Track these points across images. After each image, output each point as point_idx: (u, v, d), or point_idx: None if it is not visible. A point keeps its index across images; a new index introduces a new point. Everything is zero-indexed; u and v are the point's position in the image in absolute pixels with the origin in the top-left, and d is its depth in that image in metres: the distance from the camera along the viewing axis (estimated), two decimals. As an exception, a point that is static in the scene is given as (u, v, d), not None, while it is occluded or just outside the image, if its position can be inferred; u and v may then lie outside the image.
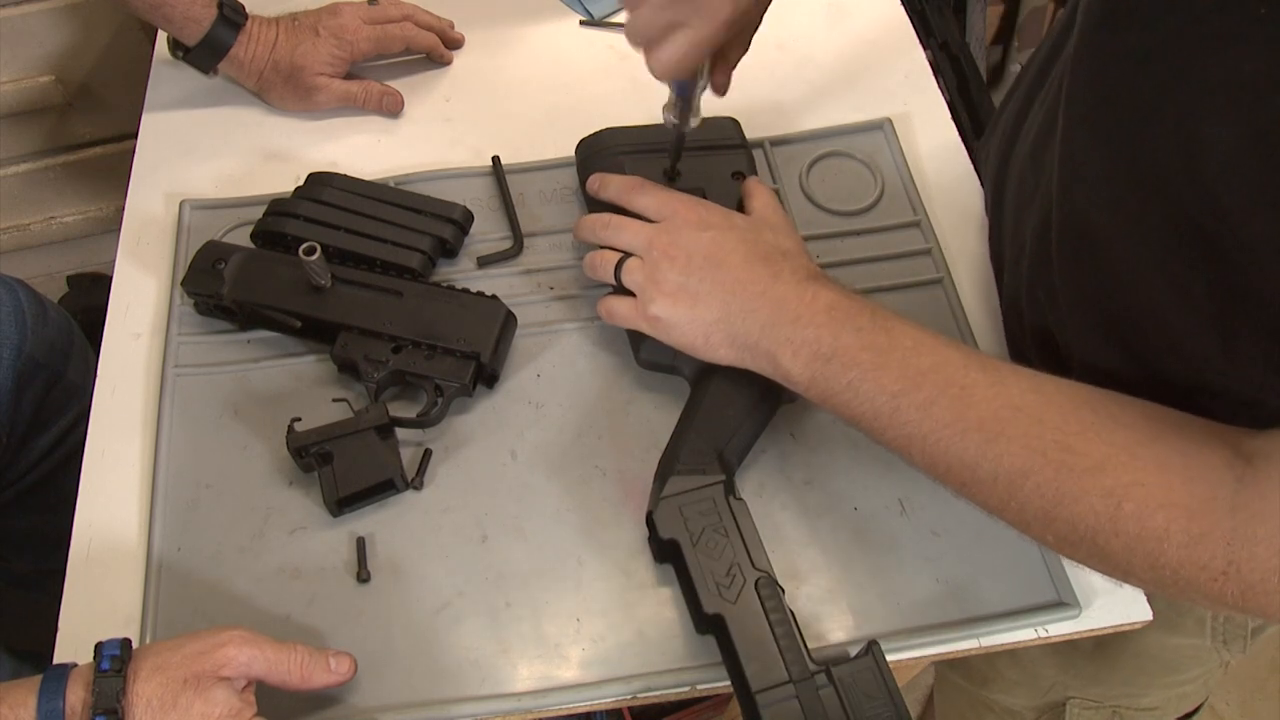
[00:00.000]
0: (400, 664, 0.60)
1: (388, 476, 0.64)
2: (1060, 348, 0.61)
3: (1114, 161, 0.50)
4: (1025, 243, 0.63)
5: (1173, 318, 0.50)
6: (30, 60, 1.11)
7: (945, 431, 0.52)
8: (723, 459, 0.61)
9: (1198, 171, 0.44)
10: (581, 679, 0.59)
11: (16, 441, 0.87)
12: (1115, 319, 0.55)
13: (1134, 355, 0.55)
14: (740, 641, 0.55)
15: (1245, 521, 0.44)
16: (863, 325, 0.56)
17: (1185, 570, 0.46)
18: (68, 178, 1.26)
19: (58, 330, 0.90)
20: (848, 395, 0.56)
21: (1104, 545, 0.48)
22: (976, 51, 1.46)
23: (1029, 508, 0.50)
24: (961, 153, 0.81)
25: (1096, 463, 0.48)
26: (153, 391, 0.69)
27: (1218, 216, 0.44)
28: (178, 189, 0.79)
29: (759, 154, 0.80)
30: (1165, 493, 0.46)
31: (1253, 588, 0.44)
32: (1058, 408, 0.51)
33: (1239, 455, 0.46)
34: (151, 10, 0.76)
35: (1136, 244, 0.50)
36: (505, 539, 0.64)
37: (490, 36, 0.89)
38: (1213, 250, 0.46)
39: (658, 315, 0.62)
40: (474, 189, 0.79)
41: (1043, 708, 0.83)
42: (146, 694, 0.49)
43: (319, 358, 0.70)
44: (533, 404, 0.69)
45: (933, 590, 0.62)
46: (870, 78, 0.86)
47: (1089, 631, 0.61)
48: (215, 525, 0.64)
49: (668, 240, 0.63)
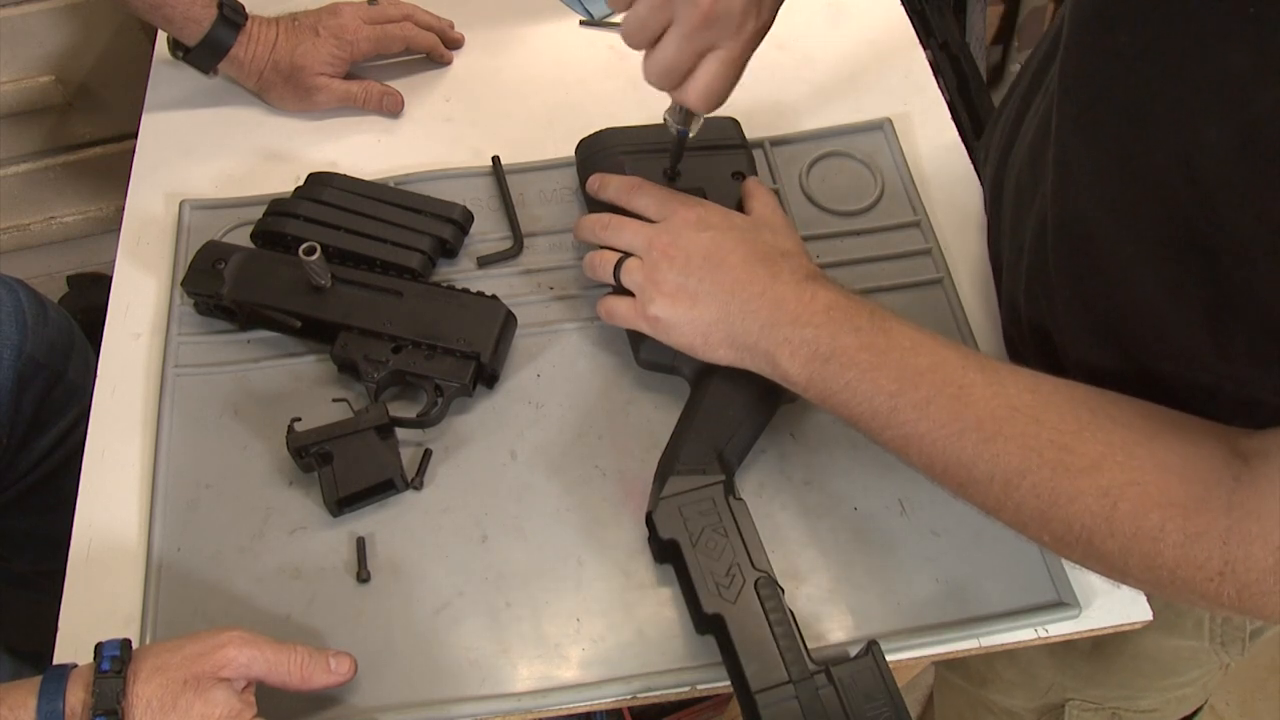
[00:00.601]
0: (400, 664, 0.60)
1: (388, 476, 0.64)
2: (1057, 347, 0.61)
3: (1106, 161, 0.50)
4: (1024, 243, 0.63)
5: (1166, 316, 0.51)
6: (30, 60, 1.11)
7: (942, 431, 0.52)
8: (723, 459, 0.61)
9: (1189, 169, 0.44)
10: (581, 679, 0.59)
11: (17, 442, 0.87)
12: (1110, 318, 0.55)
13: (1129, 354, 0.55)
14: (740, 641, 0.55)
15: (1241, 520, 0.44)
16: (861, 325, 0.56)
17: (1182, 570, 0.46)
18: (68, 178, 1.26)
19: (58, 330, 0.90)
20: (846, 395, 0.56)
21: (1100, 545, 0.48)
22: (976, 51, 1.46)
23: (1025, 507, 0.50)
24: (961, 153, 0.81)
25: (1093, 462, 0.48)
26: (153, 391, 0.69)
27: (1209, 214, 0.44)
28: (178, 189, 0.79)
29: (759, 154, 0.80)
30: (1161, 492, 0.46)
31: (1249, 587, 0.44)
32: (1055, 407, 0.51)
33: (1235, 454, 0.46)
34: (151, 10, 0.76)
35: (1129, 243, 0.51)
36: (505, 539, 0.64)
37: (490, 36, 0.89)
38: (1204, 248, 0.46)
39: (657, 315, 0.62)
40: (474, 189, 0.79)
41: (1042, 709, 0.82)
42: (146, 695, 0.49)
43: (319, 358, 0.70)
44: (533, 404, 0.69)
45: (932, 590, 0.62)
46: (870, 78, 0.86)
47: (1089, 632, 0.61)
48: (215, 525, 0.64)
49: (667, 240, 0.63)
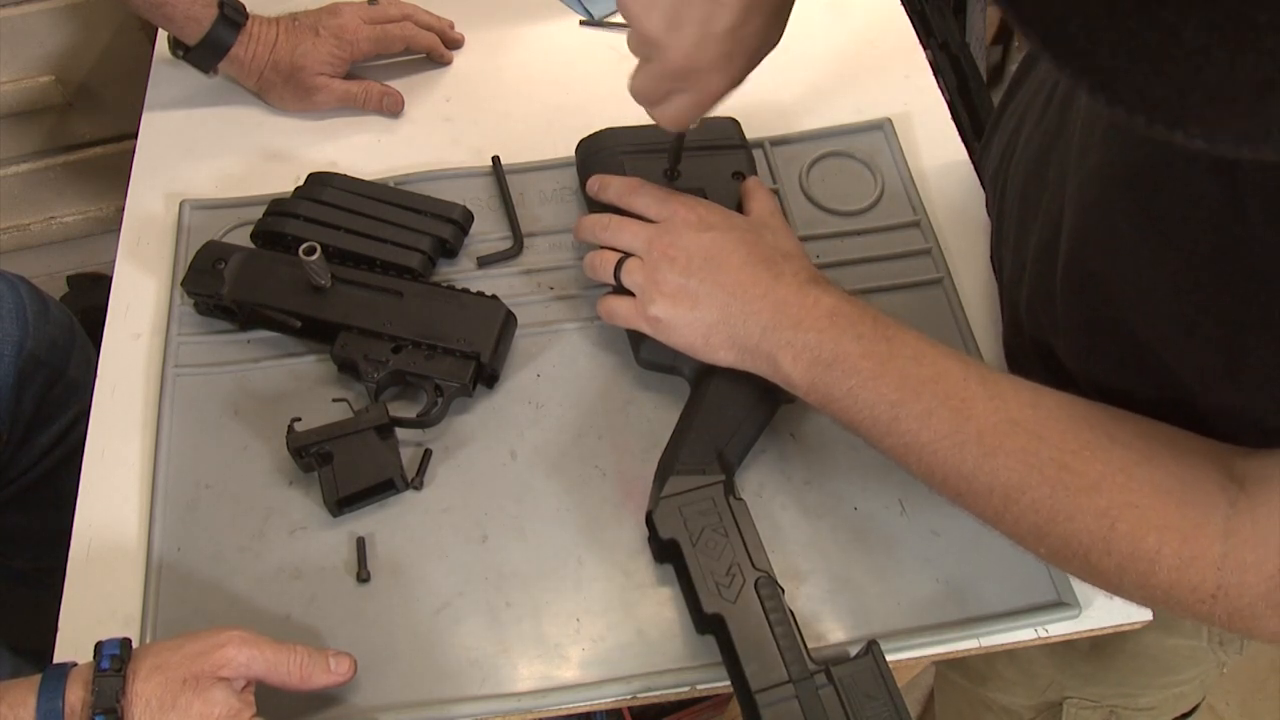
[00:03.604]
0: (400, 664, 0.60)
1: (388, 476, 0.64)
2: (1060, 359, 0.61)
3: (1135, 218, 0.49)
4: (1026, 259, 0.63)
5: (1179, 350, 0.50)
6: (30, 60, 1.11)
7: (943, 443, 0.52)
8: (723, 459, 0.61)
9: (1233, 205, 0.43)
10: (581, 679, 0.59)
11: (17, 439, 0.87)
12: (1119, 349, 0.55)
13: (1136, 378, 0.55)
14: (740, 641, 0.55)
15: (1236, 547, 0.45)
16: (864, 333, 0.56)
17: (1176, 591, 0.46)
18: (68, 178, 1.26)
19: (59, 327, 0.90)
20: (847, 402, 0.56)
21: (1096, 563, 0.49)
22: (976, 51, 1.46)
23: (1023, 522, 0.51)
24: (961, 153, 0.81)
25: (1092, 482, 0.48)
26: (153, 391, 0.69)
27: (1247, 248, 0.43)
28: (178, 189, 0.79)
29: (759, 154, 0.80)
30: (1159, 515, 0.47)
31: (1240, 612, 0.45)
32: (1056, 423, 0.51)
33: (1232, 478, 0.47)
34: (152, 9, 0.76)
35: (1146, 291, 0.50)
36: (505, 539, 0.64)
37: (490, 36, 0.89)
38: (1227, 286, 0.45)
39: (657, 316, 0.62)
40: (474, 189, 0.79)
41: (1040, 706, 0.83)
42: (146, 694, 0.49)
43: (319, 358, 0.70)
44: (533, 404, 0.69)
45: (932, 590, 0.62)
46: (870, 78, 0.86)
47: (1089, 632, 0.61)
48: (215, 525, 0.64)
49: (668, 241, 0.63)
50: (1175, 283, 0.48)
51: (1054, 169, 0.59)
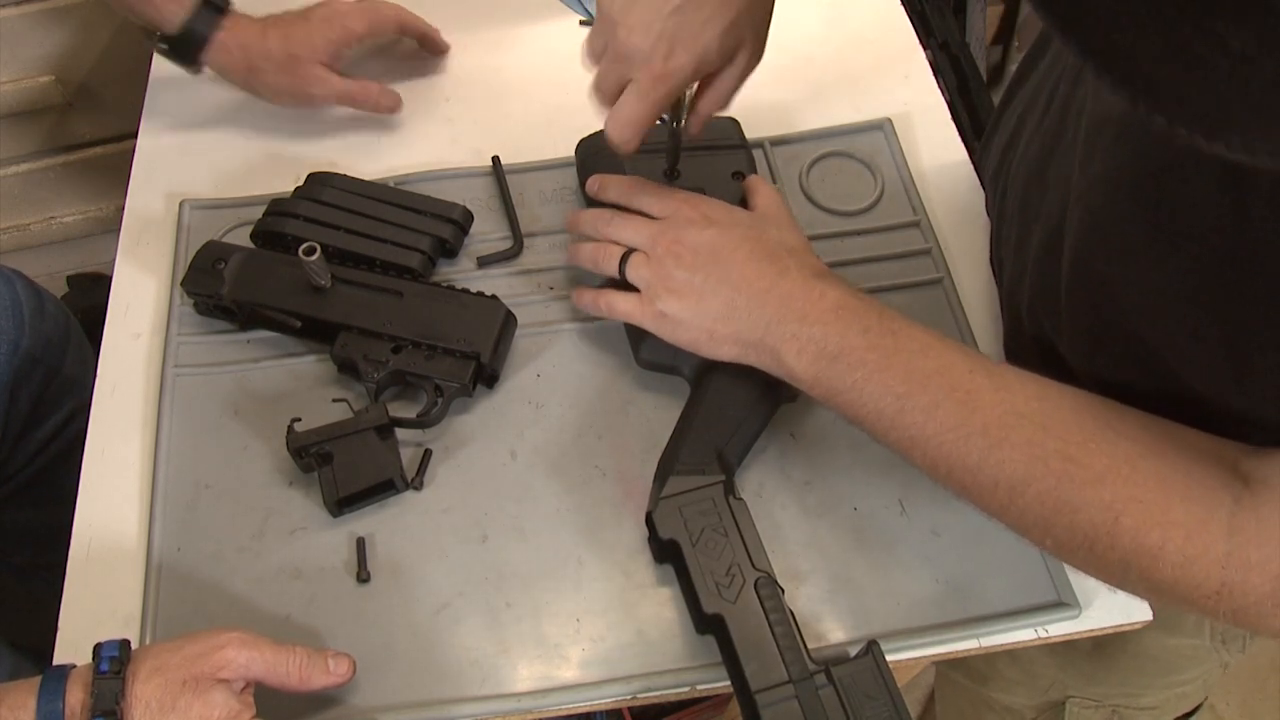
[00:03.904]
0: (400, 664, 0.60)
1: (388, 476, 0.64)
2: (1062, 359, 0.61)
3: (1142, 224, 0.49)
4: (1027, 260, 0.63)
5: (1185, 354, 0.50)
6: (30, 60, 1.11)
7: (949, 435, 0.52)
8: (723, 459, 0.61)
9: (1241, 213, 0.43)
10: (581, 679, 0.59)
11: (13, 437, 0.87)
12: (1124, 351, 0.54)
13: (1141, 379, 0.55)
14: (740, 641, 0.55)
15: (1240, 546, 0.45)
16: (869, 326, 0.56)
17: (1179, 587, 0.46)
18: (68, 178, 1.26)
19: (55, 324, 0.90)
20: (852, 395, 0.55)
21: (1101, 555, 0.49)
22: (976, 51, 1.46)
23: (1028, 514, 0.50)
24: (961, 153, 0.81)
25: (1097, 475, 0.48)
26: (152, 391, 0.69)
27: (1255, 254, 0.43)
28: (178, 189, 0.79)
29: (759, 154, 0.80)
30: (1163, 511, 0.47)
31: (1244, 609, 0.45)
32: (1061, 416, 0.51)
33: (1236, 475, 0.47)
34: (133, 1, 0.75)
35: (1152, 296, 0.50)
36: (505, 539, 0.64)
37: (490, 36, 0.89)
38: (1235, 292, 0.45)
39: (664, 311, 0.62)
40: (474, 189, 0.79)
41: (1042, 706, 0.83)
42: (145, 695, 0.49)
43: (319, 358, 0.70)
44: (533, 404, 0.69)
45: (933, 590, 0.62)
46: (870, 78, 0.86)
47: (1089, 632, 0.61)
48: (215, 525, 0.64)
49: (672, 237, 0.63)
50: (1182, 288, 0.48)
51: (1055, 170, 0.59)
